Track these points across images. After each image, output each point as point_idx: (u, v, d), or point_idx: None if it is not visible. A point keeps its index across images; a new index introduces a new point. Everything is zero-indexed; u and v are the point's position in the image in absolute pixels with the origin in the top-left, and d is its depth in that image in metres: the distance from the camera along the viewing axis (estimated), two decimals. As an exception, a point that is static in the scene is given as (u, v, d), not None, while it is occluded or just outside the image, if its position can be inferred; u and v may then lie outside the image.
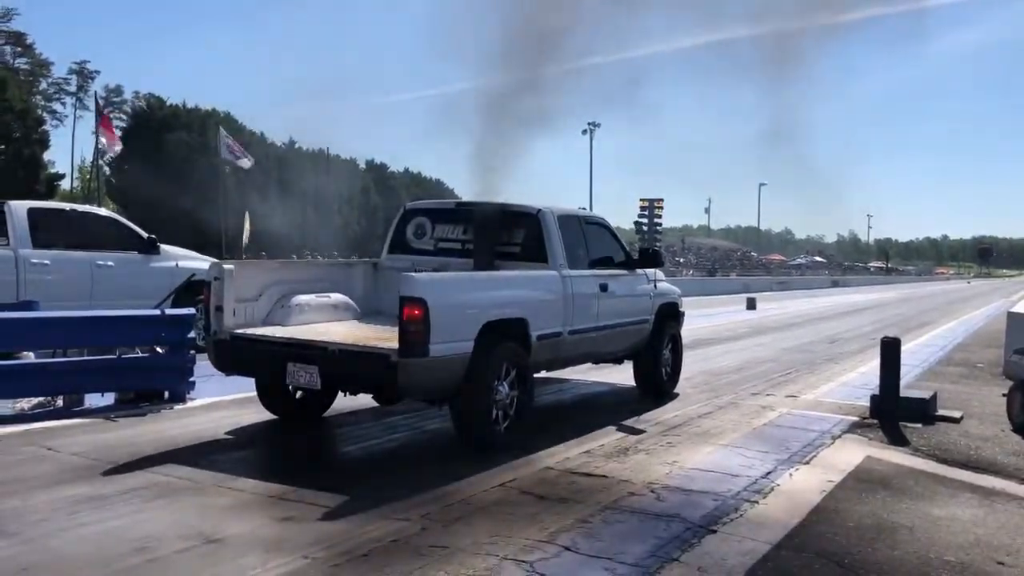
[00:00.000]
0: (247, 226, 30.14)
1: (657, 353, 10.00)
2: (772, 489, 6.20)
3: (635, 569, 4.54)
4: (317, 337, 7.05)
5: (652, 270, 10.03)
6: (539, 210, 8.45)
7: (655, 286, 10.05)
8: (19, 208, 10.75)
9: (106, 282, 11.27)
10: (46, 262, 10.69)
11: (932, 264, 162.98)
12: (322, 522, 5.15)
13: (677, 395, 10.20)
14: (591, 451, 7.19)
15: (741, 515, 5.56)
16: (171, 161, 49.84)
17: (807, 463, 7.04)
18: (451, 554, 4.65)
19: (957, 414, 9.06)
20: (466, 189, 8.92)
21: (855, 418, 8.88)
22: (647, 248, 10.70)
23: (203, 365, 8.36)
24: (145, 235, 12.22)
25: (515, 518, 5.32)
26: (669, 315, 10.32)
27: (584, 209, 10.52)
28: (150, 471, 6.14)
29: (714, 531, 5.22)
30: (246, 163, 34.13)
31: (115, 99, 70.01)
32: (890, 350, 8.90)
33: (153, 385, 8.65)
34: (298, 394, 7.89)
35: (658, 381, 10.08)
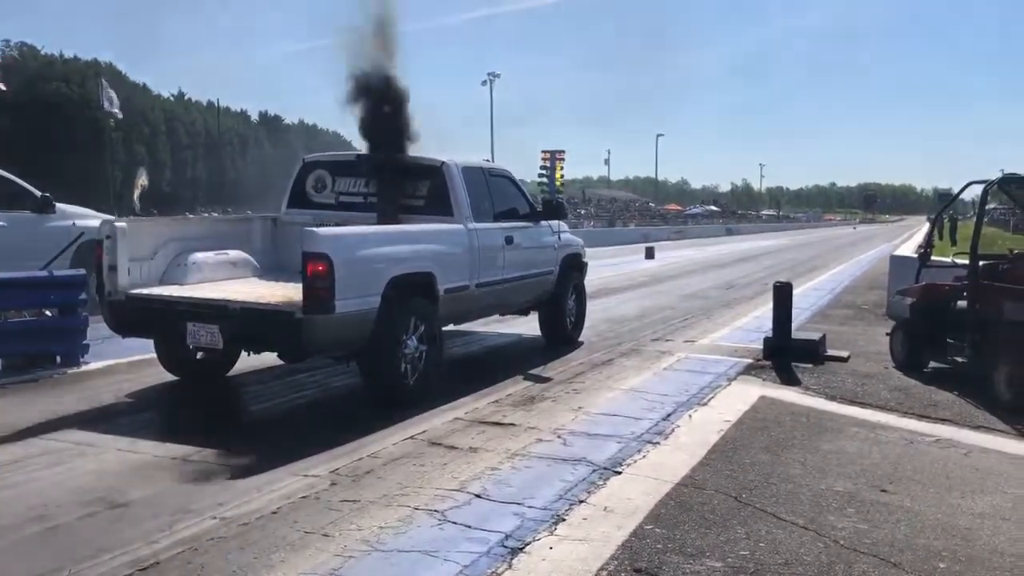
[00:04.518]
0: (141, 181, 28.77)
1: (562, 303, 10.17)
2: (673, 430, 6.43)
3: (544, 512, 4.66)
4: (217, 295, 6.90)
5: (556, 222, 10.15)
6: (443, 162, 8.39)
7: (559, 237, 10.19)
8: None
9: None
10: None
11: (821, 211, 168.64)
12: (229, 482, 5.09)
13: (582, 343, 10.40)
14: (499, 401, 7.28)
15: (644, 456, 5.75)
16: (47, 114, 47.35)
17: (705, 404, 7.31)
18: (362, 507, 4.68)
19: (845, 354, 9.52)
20: (363, 141, 8.75)
21: (750, 360, 9.22)
22: (550, 200, 11.00)
23: (98, 327, 8.07)
24: (39, 193, 11.72)
25: (425, 469, 5.38)
26: (573, 266, 10.52)
27: (488, 161, 10.56)
28: (45, 438, 5.94)
29: (619, 472, 5.39)
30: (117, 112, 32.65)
31: (-17, 48, 65.71)
32: (782, 294, 9.26)
33: (44, 349, 8.30)
34: (199, 354, 7.64)
35: (563, 330, 10.27)
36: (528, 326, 10.67)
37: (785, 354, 9.02)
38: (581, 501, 4.85)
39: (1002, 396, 7.36)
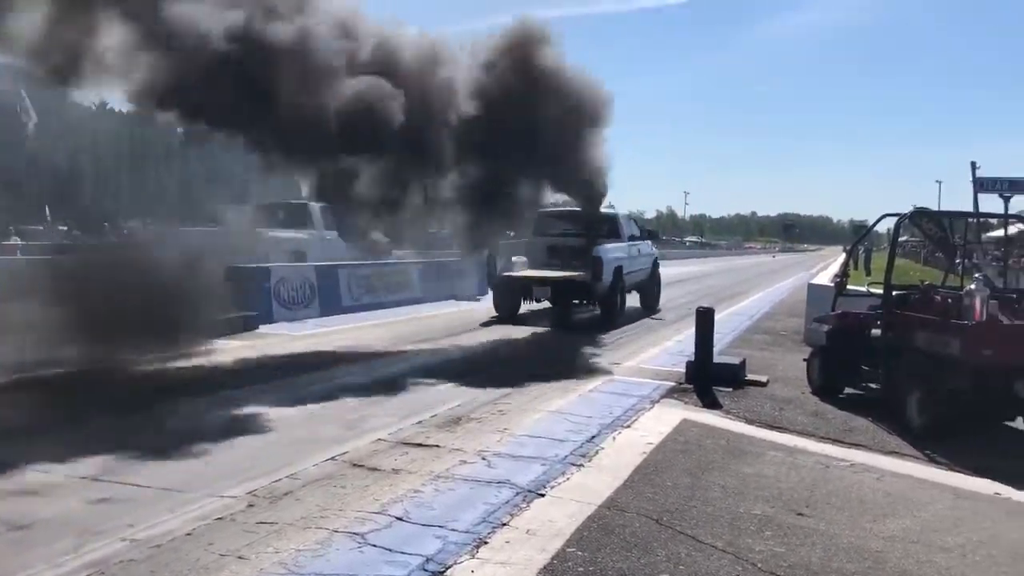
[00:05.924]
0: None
1: (652, 286, 18.33)
2: (597, 452, 6.45)
3: (467, 536, 4.61)
4: (545, 274, 15.07)
5: (651, 241, 19.35)
6: (616, 213, 17.74)
7: (652, 248, 18.99)
8: (315, 206, 18.95)
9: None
10: (331, 239, 19.17)
11: (742, 239, 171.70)
12: (140, 502, 4.93)
13: (659, 310, 17.50)
14: (423, 421, 7.22)
15: (568, 478, 5.75)
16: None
17: (629, 427, 7.36)
18: (280, 530, 4.57)
19: (764, 378, 9.71)
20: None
21: (672, 383, 9.33)
22: (651, 229, 21.65)
23: None
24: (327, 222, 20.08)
25: (346, 491, 5.29)
26: (657, 265, 18.94)
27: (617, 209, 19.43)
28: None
29: (542, 495, 5.38)
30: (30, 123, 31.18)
31: None
32: (704, 319, 9.40)
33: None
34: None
35: (652, 304, 18.13)
36: (459, 343, 10.57)
37: (707, 378, 9.14)
38: (504, 524, 4.82)
39: (913, 422, 7.58)
